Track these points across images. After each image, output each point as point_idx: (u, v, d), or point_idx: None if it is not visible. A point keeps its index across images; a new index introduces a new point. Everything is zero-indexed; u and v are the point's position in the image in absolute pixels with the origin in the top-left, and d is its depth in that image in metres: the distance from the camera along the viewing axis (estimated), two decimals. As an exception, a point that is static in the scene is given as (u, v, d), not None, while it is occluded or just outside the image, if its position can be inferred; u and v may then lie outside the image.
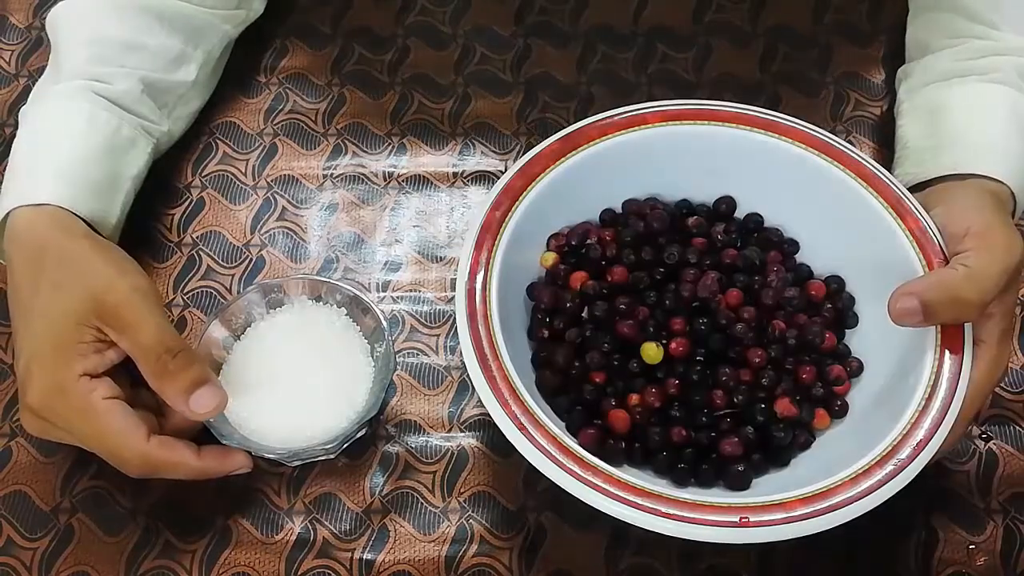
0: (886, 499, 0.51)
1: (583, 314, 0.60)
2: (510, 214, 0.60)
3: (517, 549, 0.60)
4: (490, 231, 0.59)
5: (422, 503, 0.61)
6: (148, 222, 0.71)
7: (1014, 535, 0.60)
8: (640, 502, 0.50)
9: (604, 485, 0.51)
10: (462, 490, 0.62)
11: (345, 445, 0.61)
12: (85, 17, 0.68)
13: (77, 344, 0.56)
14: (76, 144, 0.63)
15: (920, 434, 0.53)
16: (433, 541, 0.60)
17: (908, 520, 0.61)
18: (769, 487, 0.56)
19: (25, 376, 0.56)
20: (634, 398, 0.58)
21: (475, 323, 0.55)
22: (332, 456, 0.62)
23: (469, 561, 0.59)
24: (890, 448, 0.52)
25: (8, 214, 0.61)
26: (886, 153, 0.71)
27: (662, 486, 0.52)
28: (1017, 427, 0.64)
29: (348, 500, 0.61)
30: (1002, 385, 0.65)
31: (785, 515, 0.50)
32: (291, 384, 0.60)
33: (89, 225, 0.62)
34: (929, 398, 0.54)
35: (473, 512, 0.61)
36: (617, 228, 0.63)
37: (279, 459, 0.61)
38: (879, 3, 0.81)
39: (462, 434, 0.63)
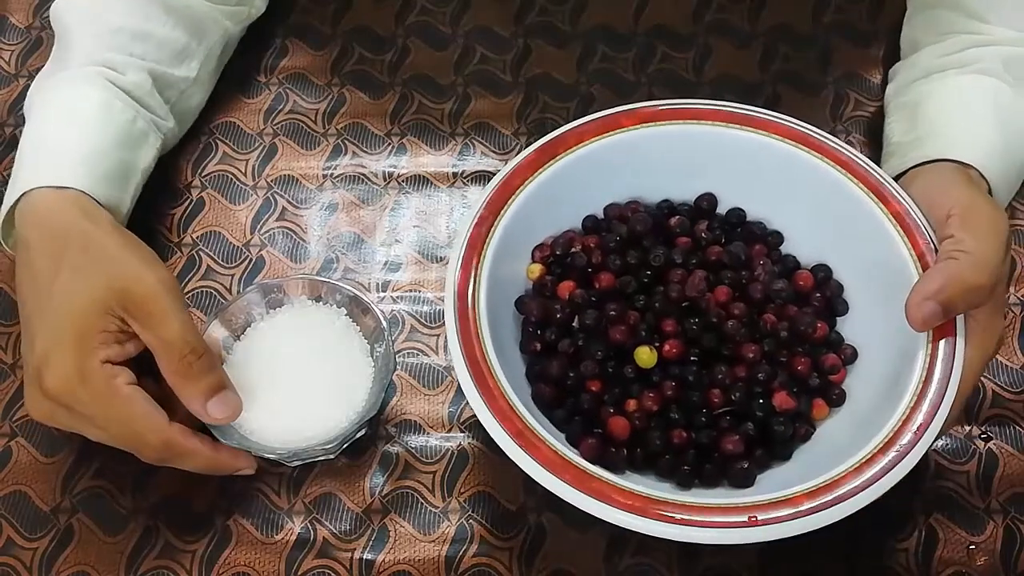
0: (891, 486, 0.51)
1: (574, 323, 0.60)
2: (493, 228, 0.59)
3: (517, 549, 0.60)
4: (475, 248, 0.58)
5: (422, 503, 0.61)
6: (148, 222, 0.71)
7: (1014, 535, 0.60)
8: (645, 509, 0.50)
9: (608, 494, 0.50)
10: (462, 490, 0.62)
11: (345, 445, 0.61)
12: (94, 4, 0.68)
13: (101, 332, 0.56)
14: (93, 130, 0.63)
15: (919, 418, 0.52)
16: (433, 541, 0.60)
17: (908, 520, 0.61)
18: (773, 481, 0.56)
19: (42, 361, 0.56)
20: (632, 403, 0.57)
21: (468, 341, 0.55)
22: (332, 456, 0.62)
23: (469, 561, 0.59)
24: (891, 435, 0.52)
25: (25, 197, 0.60)
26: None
27: (666, 490, 0.52)
28: (1017, 427, 0.64)
29: (348, 500, 0.61)
30: (1002, 385, 0.65)
31: (792, 510, 0.50)
32: (291, 384, 0.60)
33: None
34: (925, 381, 0.54)
35: (473, 512, 0.61)
36: (600, 234, 0.63)
37: (279, 459, 0.61)
38: (879, 3, 0.81)
39: (462, 434, 0.63)
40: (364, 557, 0.60)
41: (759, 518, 0.50)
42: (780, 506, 0.50)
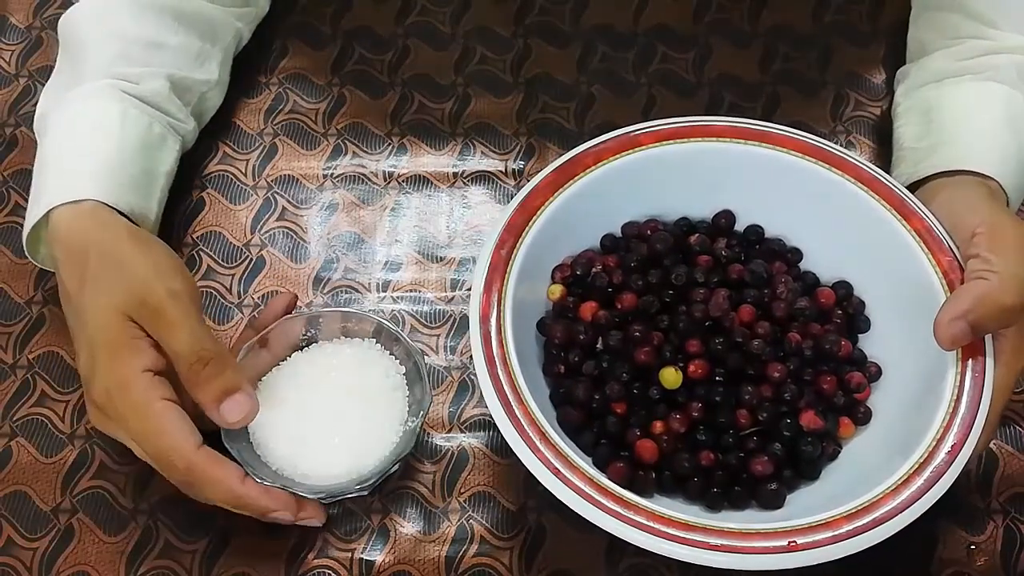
0: (928, 508, 0.51)
1: (597, 345, 0.59)
2: (515, 252, 0.58)
3: (517, 549, 0.60)
4: (497, 271, 0.57)
5: (422, 503, 0.61)
6: (148, 222, 0.71)
7: (1014, 535, 0.60)
8: (687, 536, 0.50)
9: (649, 523, 0.50)
10: (462, 490, 0.62)
11: (336, 499, 0.60)
12: (105, 18, 0.68)
13: (132, 340, 0.56)
14: (112, 141, 0.63)
15: (952, 439, 0.52)
16: (433, 541, 0.60)
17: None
18: (802, 502, 0.55)
19: (89, 371, 0.56)
20: (659, 426, 0.57)
21: (494, 367, 0.54)
22: (324, 503, 0.60)
23: (469, 561, 0.59)
24: (924, 456, 0.52)
25: (49, 216, 0.60)
26: (886, 153, 0.71)
27: (696, 514, 0.52)
28: (1017, 427, 0.64)
29: (349, 500, 0.61)
30: (1002, 385, 0.65)
31: (832, 534, 0.50)
32: (317, 419, 0.59)
33: (132, 221, 0.62)
34: (956, 401, 0.53)
35: (473, 512, 0.61)
36: (620, 253, 0.62)
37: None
38: (879, 3, 0.81)
39: (462, 434, 0.63)
40: (364, 557, 0.60)
41: (798, 542, 0.49)
42: (819, 530, 0.50)
